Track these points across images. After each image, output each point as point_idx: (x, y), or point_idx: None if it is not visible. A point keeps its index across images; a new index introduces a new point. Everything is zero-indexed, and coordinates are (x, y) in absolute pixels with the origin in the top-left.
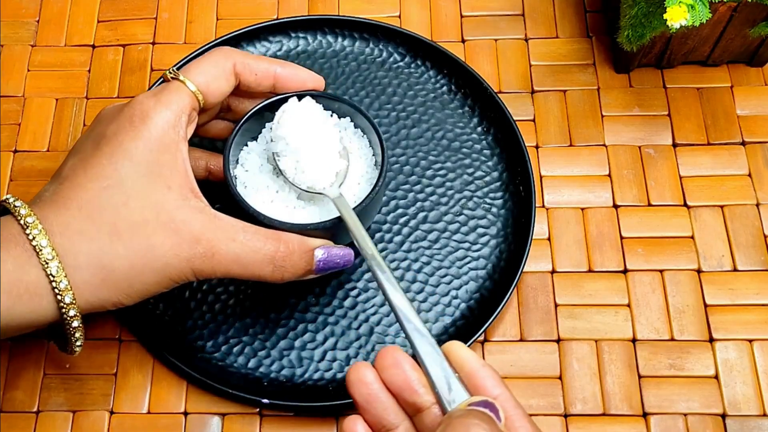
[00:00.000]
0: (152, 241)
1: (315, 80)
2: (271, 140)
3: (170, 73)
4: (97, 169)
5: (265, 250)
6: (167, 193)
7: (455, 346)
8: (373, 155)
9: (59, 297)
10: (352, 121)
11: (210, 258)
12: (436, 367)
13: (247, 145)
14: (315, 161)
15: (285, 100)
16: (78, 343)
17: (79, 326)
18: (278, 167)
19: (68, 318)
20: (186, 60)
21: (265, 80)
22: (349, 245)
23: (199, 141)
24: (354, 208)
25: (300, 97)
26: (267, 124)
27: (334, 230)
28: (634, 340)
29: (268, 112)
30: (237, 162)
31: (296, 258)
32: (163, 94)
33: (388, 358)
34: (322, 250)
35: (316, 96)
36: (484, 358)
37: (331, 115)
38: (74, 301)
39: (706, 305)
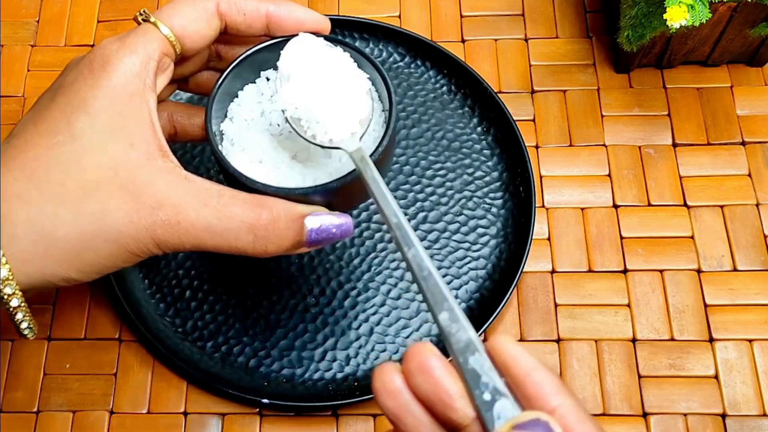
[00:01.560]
0: (105, 205)
1: (316, 20)
2: (275, 90)
3: (141, 15)
4: (48, 123)
5: (242, 217)
6: (129, 151)
7: (501, 342)
8: (383, 111)
9: None
10: (360, 68)
11: (175, 226)
12: (476, 371)
13: (237, 96)
14: (335, 107)
15: (282, 43)
16: (24, 325)
17: (20, 306)
18: (287, 119)
19: (5, 296)
20: None
21: (256, 21)
22: (347, 212)
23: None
24: (372, 154)
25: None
26: (262, 73)
27: (331, 196)
28: (634, 340)
29: (262, 56)
30: (225, 115)
31: (282, 227)
32: (129, 38)
33: (414, 360)
34: (315, 218)
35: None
36: None
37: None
38: (10, 278)
39: (706, 305)
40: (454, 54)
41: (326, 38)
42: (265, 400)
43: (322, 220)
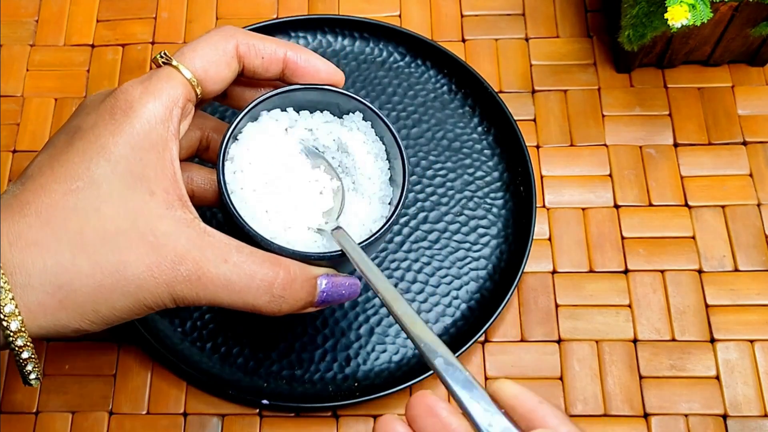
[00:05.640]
0: (125, 257)
1: (330, 72)
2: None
3: (161, 57)
4: (66, 168)
5: (261, 275)
6: (149, 200)
7: (503, 384)
8: (389, 169)
9: (4, 323)
10: (372, 127)
11: (195, 282)
12: (478, 409)
13: (237, 139)
14: (291, 202)
15: (294, 92)
16: (32, 376)
17: (31, 357)
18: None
19: (16, 348)
20: None
21: (273, 65)
22: (353, 274)
23: None
24: (361, 243)
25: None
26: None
27: (340, 262)
28: (635, 341)
29: (271, 103)
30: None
31: (297, 287)
32: (152, 82)
33: (420, 405)
34: (326, 279)
35: (333, 92)
36: (484, 359)
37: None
38: (23, 329)
39: (707, 306)
40: (454, 54)
41: (344, 94)
42: (265, 401)
43: (333, 281)
